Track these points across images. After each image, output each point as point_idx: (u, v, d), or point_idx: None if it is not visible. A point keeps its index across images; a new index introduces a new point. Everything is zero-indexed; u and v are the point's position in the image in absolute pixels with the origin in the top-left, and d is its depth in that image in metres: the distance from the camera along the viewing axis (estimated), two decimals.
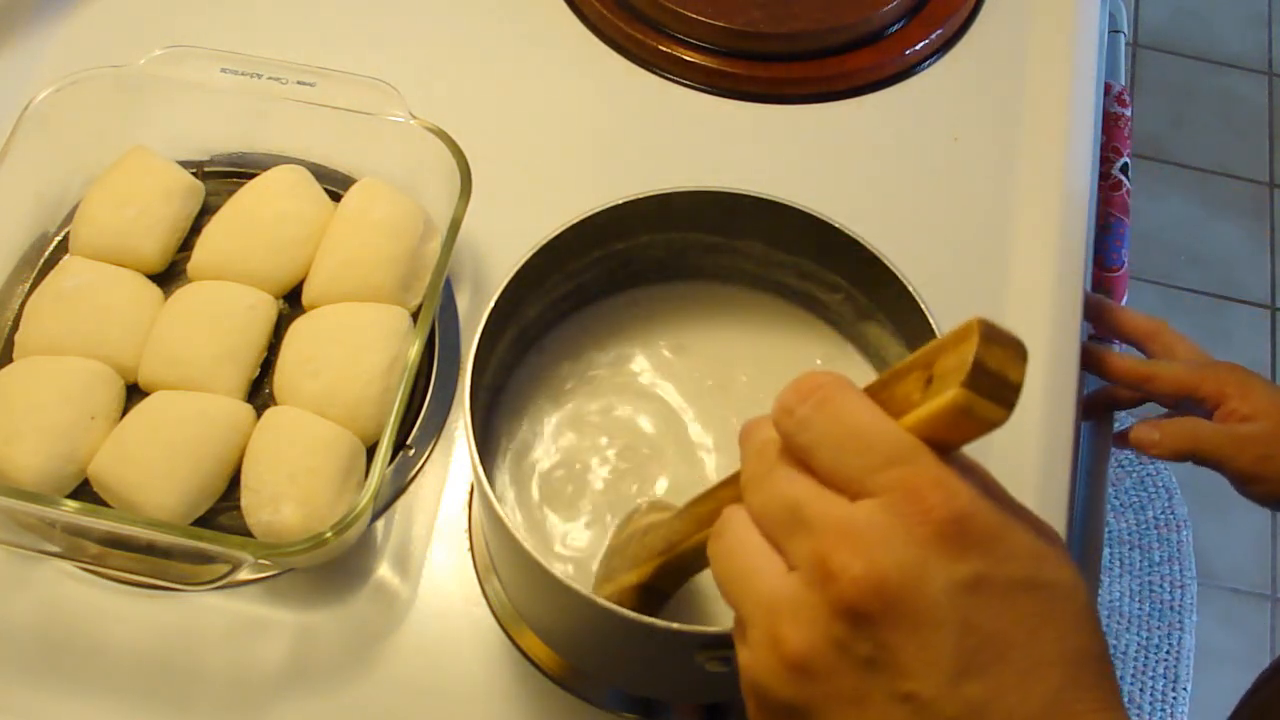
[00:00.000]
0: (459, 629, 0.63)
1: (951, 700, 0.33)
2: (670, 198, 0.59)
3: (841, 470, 0.35)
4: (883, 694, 0.34)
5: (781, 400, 0.37)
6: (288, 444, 0.62)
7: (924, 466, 0.34)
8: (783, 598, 0.35)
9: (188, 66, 0.71)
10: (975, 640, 0.33)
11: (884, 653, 0.34)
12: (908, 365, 0.36)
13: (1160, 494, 1.74)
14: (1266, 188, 2.07)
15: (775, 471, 0.37)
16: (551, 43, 0.85)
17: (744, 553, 0.37)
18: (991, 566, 0.34)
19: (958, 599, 0.33)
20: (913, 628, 0.33)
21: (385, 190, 0.70)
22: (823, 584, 0.34)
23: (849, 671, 0.34)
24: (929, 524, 0.33)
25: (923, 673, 0.33)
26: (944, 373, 0.34)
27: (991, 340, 0.33)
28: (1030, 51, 0.85)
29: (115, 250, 0.69)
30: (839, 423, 0.35)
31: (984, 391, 0.33)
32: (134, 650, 0.62)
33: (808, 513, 0.35)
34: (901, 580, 0.33)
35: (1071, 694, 0.34)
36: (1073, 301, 0.75)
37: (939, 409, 0.34)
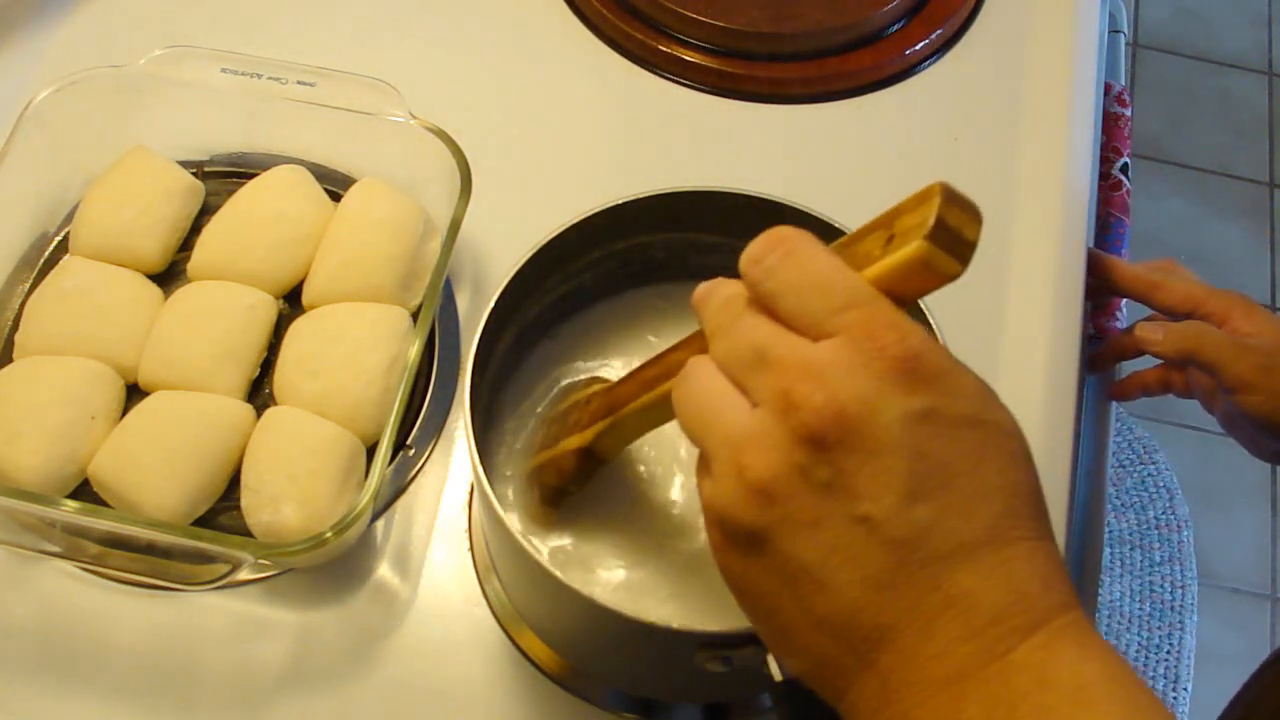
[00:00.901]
0: (459, 629, 0.63)
1: (901, 521, 0.36)
2: (670, 198, 0.59)
3: (804, 313, 0.38)
4: (839, 516, 0.36)
5: (749, 251, 0.39)
6: (288, 444, 0.62)
7: (881, 309, 0.37)
8: (747, 430, 0.37)
9: (188, 66, 0.71)
10: (924, 467, 0.36)
11: (841, 477, 0.36)
12: (869, 226, 0.39)
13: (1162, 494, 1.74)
14: (1266, 188, 2.07)
15: (742, 318, 0.39)
16: (551, 42, 0.85)
17: (710, 393, 0.39)
18: (941, 401, 0.36)
19: (910, 428, 0.36)
20: (868, 454, 0.36)
21: (385, 190, 0.70)
22: (785, 414, 0.36)
23: (808, 495, 0.36)
24: (884, 360, 0.36)
25: (876, 495, 0.36)
26: (905, 230, 0.37)
27: (952, 201, 0.36)
28: (1030, 51, 0.85)
29: (115, 250, 0.69)
30: (803, 270, 0.38)
31: (943, 245, 0.36)
32: (134, 650, 0.62)
33: (772, 353, 0.38)
34: (859, 410, 0.36)
35: (1009, 521, 0.37)
36: (1073, 301, 0.75)
37: (901, 260, 0.37)
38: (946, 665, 0.36)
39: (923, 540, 0.36)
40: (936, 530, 0.36)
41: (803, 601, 0.37)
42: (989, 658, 0.36)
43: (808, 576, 0.37)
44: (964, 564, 0.36)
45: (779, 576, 0.38)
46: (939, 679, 0.36)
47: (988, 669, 0.36)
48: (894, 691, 0.37)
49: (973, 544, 0.36)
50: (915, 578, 0.36)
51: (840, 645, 0.37)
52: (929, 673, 0.36)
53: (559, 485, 0.56)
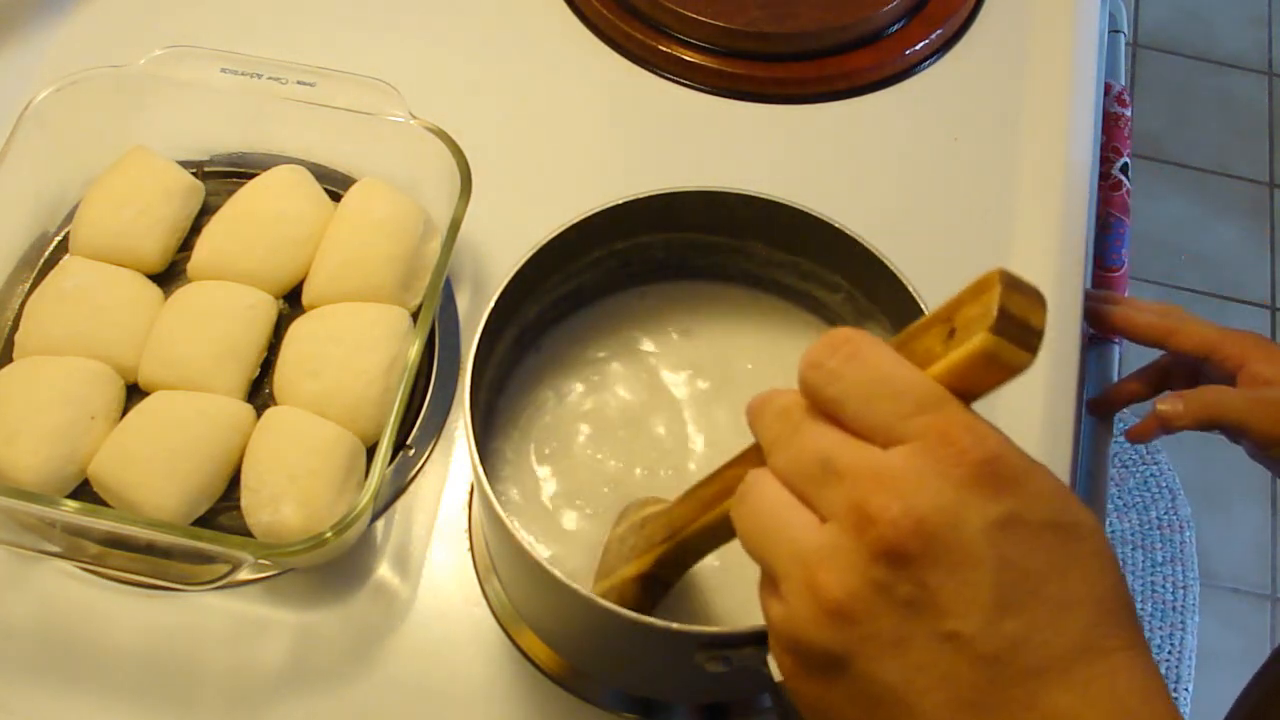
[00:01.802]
0: (459, 629, 0.63)
1: (992, 637, 0.34)
2: (670, 198, 0.59)
3: (872, 418, 0.36)
4: (924, 634, 0.34)
5: (809, 355, 0.37)
6: (288, 444, 0.62)
7: (954, 412, 0.35)
8: (819, 547, 0.35)
9: (188, 66, 0.71)
10: (1011, 577, 0.34)
11: (924, 593, 0.34)
12: (928, 321, 0.37)
13: (1164, 495, 1.73)
14: (1266, 188, 2.07)
15: (803, 428, 0.37)
16: (551, 42, 0.85)
17: (773, 509, 0.37)
18: (1023, 506, 0.34)
19: (994, 537, 0.34)
20: (952, 567, 0.34)
21: (385, 190, 0.70)
22: (860, 528, 0.34)
23: (890, 614, 0.34)
24: (963, 466, 0.34)
25: (963, 611, 0.34)
26: (966, 322, 0.35)
27: (1013, 288, 0.34)
28: (1030, 51, 0.85)
29: (115, 250, 0.69)
30: (869, 373, 0.36)
31: (1009, 336, 0.34)
32: (134, 650, 0.62)
33: (840, 463, 0.36)
34: (939, 520, 0.34)
35: (1101, 630, 0.35)
36: (1073, 301, 0.75)
37: (966, 355, 0.35)
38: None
39: (1014, 656, 0.34)
40: (1027, 645, 0.34)
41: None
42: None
43: (894, 700, 0.35)
44: (1059, 680, 0.34)
45: (862, 702, 0.36)
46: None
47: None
48: None
49: (1066, 657, 0.34)
50: (1009, 696, 0.34)
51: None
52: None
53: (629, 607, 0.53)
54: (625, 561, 0.52)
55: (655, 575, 0.50)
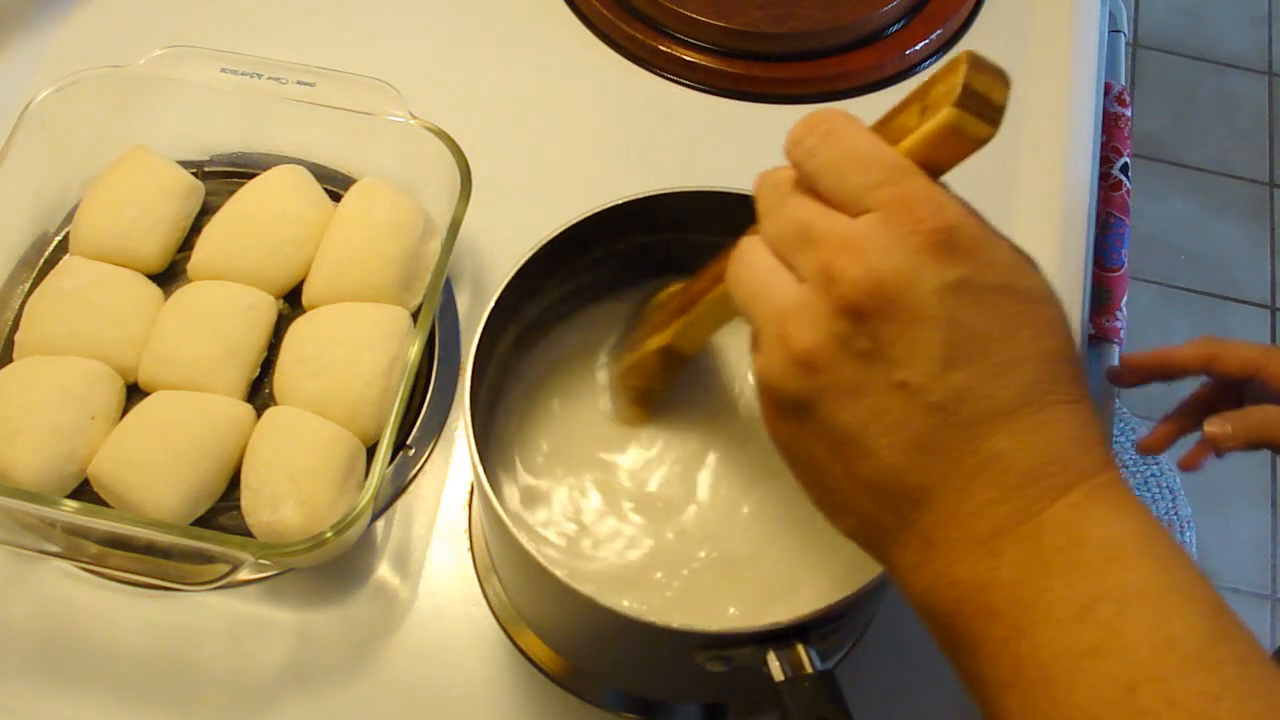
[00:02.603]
0: (459, 629, 0.63)
1: (938, 387, 0.37)
2: (670, 198, 0.59)
3: (843, 190, 0.39)
4: (879, 383, 0.38)
5: (791, 133, 0.41)
6: (288, 444, 0.62)
7: (917, 184, 0.38)
8: (792, 304, 0.39)
9: (188, 66, 0.71)
10: (960, 335, 0.37)
11: (879, 346, 0.38)
12: (905, 101, 0.40)
13: (1165, 495, 1.73)
14: (1266, 188, 2.07)
15: (787, 199, 0.41)
16: (551, 42, 0.85)
17: (758, 271, 0.41)
18: (975, 271, 0.38)
19: (945, 298, 0.37)
20: (905, 323, 0.37)
21: (385, 190, 0.70)
22: (826, 288, 0.38)
23: (849, 364, 0.38)
24: (920, 233, 0.37)
25: (914, 363, 0.38)
26: (935, 99, 0.38)
27: (978, 68, 0.37)
28: (1030, 51, 0.85)
29: (115, 250, 0.69)
30: (841, 148, 0.39)
31: (972, 110, 0.37)
32: (134, 650, 0.62)
33: (814, 230, 0.39)
34: (895, 281, 0.37)
35: (1045, 385, 0.38)
36: (1074, 302, 0.75)
37: (933, 129, 0.38)
38: (983, 524, 0.38)
39: (959, 405, 0.37)
40: (972, 395, 0.37)
41: (847, 465, 0.39)
42: (1023, 516, 0.37)
43: (851, 442, 0.39)
44: (1000, 428, 0.38)
45: (825, 442, 0.40)
46: (976, 537, 0.38)
47: (1022, 527, 0.37)
48: (934, 549, 0.39)
49: (1008, 408, 0.38)
50: (953, 441, 0.38)
51: (883, 506, 0.39)
52: (966, 531, 0.38)
53: (645, 385, 0.58)
54: (648, 336, 0.56)
55: (673, 348, 0.55)
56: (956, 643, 0.39)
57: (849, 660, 0.62)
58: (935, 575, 0.39)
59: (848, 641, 0.63)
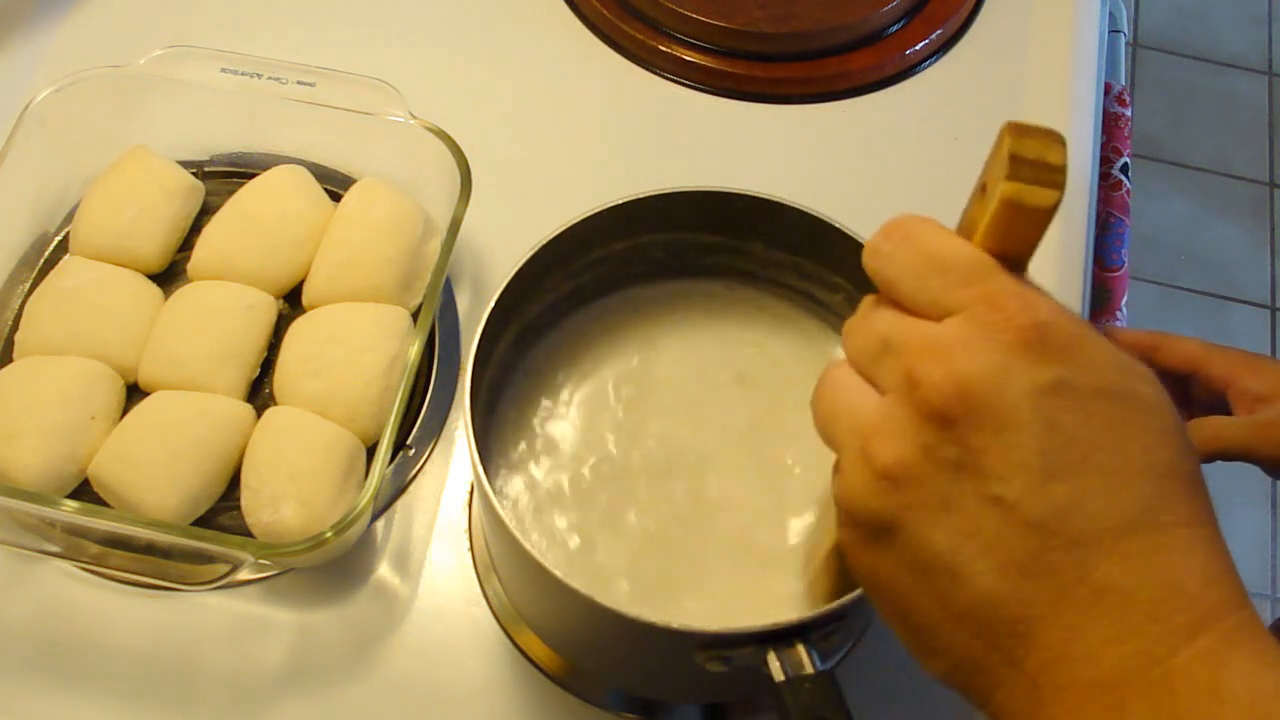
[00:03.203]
0: (459, 629, 0.63)
1: (1038, 501, 0.34)
2: (670, 198, 0.59)
3: (925, 295, 0.37)
4: (971, 497, 0.35)
5: (870, 242, 0.39)
6: (288, 444, 0.62)
7: (1002, 280, 0.36)
8: (874, 418, 0.37)
9: (188, 66, 0.71)
10: (1059, 442, 0.34)
11: (970, 456, 0.34)
12: (972, 196, 0.38)
13: None
14: (1266, 188, 2.07)
15: (870, 315, 0.39)
16: (551, 42, 0.85)
17: (840, 391, 0.39)
18: (1073, 372, 0.34)
19: (1040, 401, 0.34)
20: (996, 429, 0.34)
21: (385, 190, 0.70)
22: (909, 395, 0.35)
23: (936, 477, 0.35)
24: (1009, 331, 0.34)
25: (1008, 474, 0.34)
26: (993, 181, 0.36)
27: (1023, 134, 0.35)
28: (1030, 51, 0.85)
29: (115, 250, 0.69)
30: (919, 251, 0.37)
31: (1027, 179, 0.35)
32: (134, 650, 0.62)
33: (895, 339, 0.37)
34: (983, 384, 0.34)
35: (1160, 505, 0.34)
36: (1073, 302, 0.75)
37: (994, 211, 0.35)
38: (1102, 669, 0.33)
39: (1063, 522, 0.34)
40: (1077, 512, 0.34)
41: (939, 595, 0.36)
42: (1149, 661, 0.33)
43: (941, 566, 0.35)
44: (1111, 553, 0.34)
45: (912, 569, 0.36)
46: (1093, 683, 0.34)
47: (1148, 673, 0.33)
48: (1045, 695, 0.34)
49: (1119, 530, 0.34)
50: (1058, 565, 0.34)
51: (982, 643, 0.35)
52: (1081, 675, 0.34)
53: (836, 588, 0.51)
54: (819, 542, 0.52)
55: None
56: None
57: (849, 660, 0.62)
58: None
59: (848, 641, 0.63)
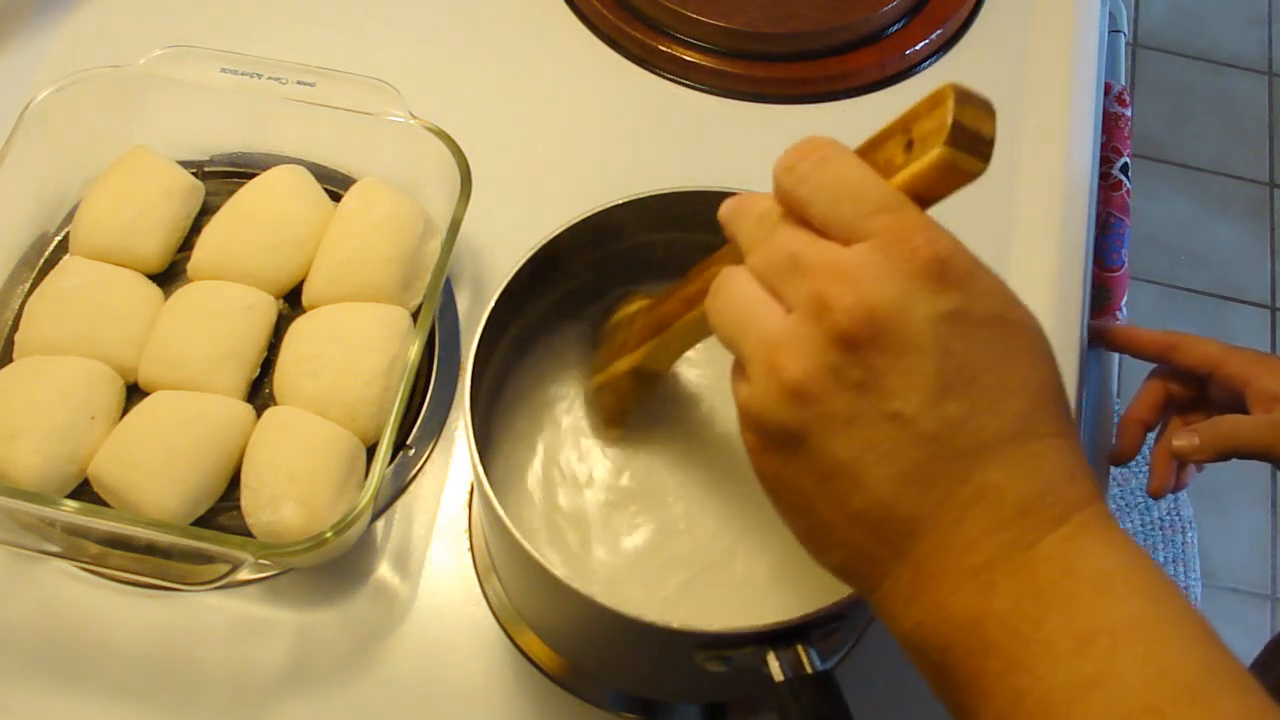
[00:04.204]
0: (459, 629, 0.63)
1: (932, 417, 0.37)
2: (670, 198, 0.59)
3: (836, 218, 0.38)
4: (872, 413, 0.38)
5: (783, 159, 0.40)
6: (288, 444, 0.62)
7: (911, 214, 0.38)
8: (782, 333, 0.39)
9: (188, 66, 0.71)
10: (953, 364, 0.37)
11: (872, 376, 0.37)
12: (885, 132, 0.40)
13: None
14: (1266, 188, 2.07)
15: (777, 230, 0.40)
16: (551, 42, 0.85)
17: (745, 301, 0.40)
18: (968, 301, 0.37)
19: (939, 328, 0.37)
20: (898, 353, 0.37)
21: (385, 190, 0.70)
22: (818, 316, 0.38)
23: (841, 394, 0.38)
24: (914, 262, 0.37)
25: (907, 393, 0.37)
26: (923, 135, 0.38)
27: (965, 101, 0.37)
28: (1030, 51, 0.85)
29: (115, 250, 0.69)
30: (835, 176, 0.39)
31: (964, 147, 0.37)
32: (134, 650, 0.62)
33: (805, 258, 0.39)
34: (889, 310, 0.37)
35: (1036, 417, 0.38)
36: (1074, 302, 0.75)
37: (925, 166, 0.38)
38: (976, 555, 0.37)
39: (952, 435, 0.37)
40: (965, 426, 0.37)
41: (838, 498, 0.39)
42: (1017, 548, 0.37)
43: (843, 473, 0.38)
44: (992, 459, 0.37)
45: (815, 474, 0.39)
46: (969, 568, 0.38)
47: (1015, 559, 0.37)
48: (926, 580, 0.38)
49: (1000, 439, 0.38)
50: (946, 472, 0.37)
51: (874, 539, 0.39)
52: (960, 562, 0.38)
53: (619, 405, 0.57)
54: (616, 355, 0.56)
55: (644, 368, 0.54)
56: (949, 679, 0.39)
57: (849, 660, 0.62)
58: (927, 609, 0.39)
59: (848, 641, 0.63)
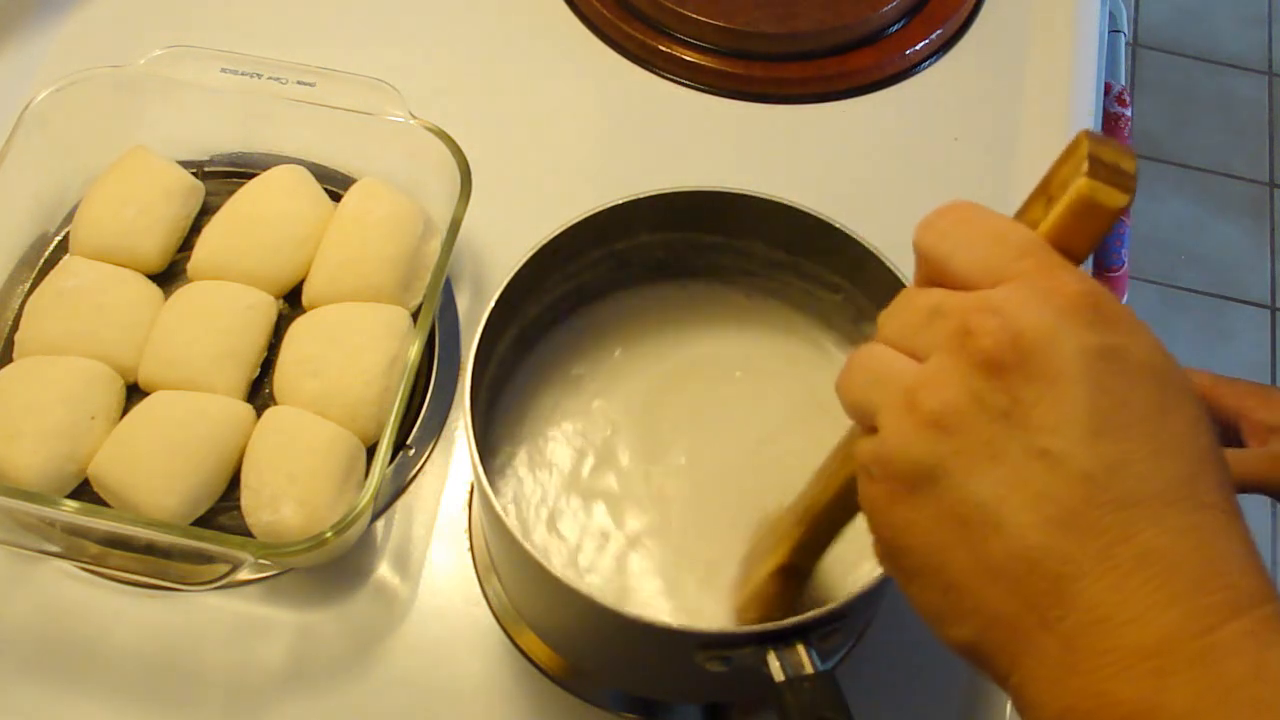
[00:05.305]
0: (459, 629, 0.63)
1: (1085, 456, 0.33)
2: (670, 198, 0.59)
3: (980, 264, 0.36)
4: (1018, 448, 0.34)
5: (924, 220, 0.39)
6: (288, 444, 0.62)
7: (1057, 257, 0.36)
8: (920, 374, 0.36)
9: (188, 66, 0.71)
10: (1108, 403, 0.34)
11: (1019, 407, 0.34)
12: (1029, 199, 0.39)
13: None
14: (1266, 188, 2.07)
15: (912, 296, 0.38)
16: (551, 42, 0.85)
17: (880, 362, 0.38)
18: (1123, 342, 0.34)
19: (1092, 362, 0.34)
20: (1049, 382, 0.34)
21: (385, 190, 0.70)
22: (961, 344, 0.35)
23: (985, 425, 0.34)
24: (1064, 296, 0.34)
25: (1058, 427, 0.34)
26: (1062, 181, 0.36)
27: (1100, 141, 0.36)
28: (1030, 51, 0.85)
29: (115, 250, 0.69)
30: (979, 227, 0.37)
31: (1104, 179, 0.35)
32: (134, 650, 0.62)
33: (946, 306, 0.36)
34: (1037, 336, 0.34)
35: (1201, 483, 0.34)
36: None
37: (1068, 204, 0.36)
38: (1146, 634, 0.32)
39: (1111, 480, 0.33)
40: (1125, 473, 0.33)
41: (976, 548, 0.35)
42: (1193, 632, 0.32)
43: (983, 517, 0.34)
44: (1156, 519, 0.33)
45: (950, 520, 0.35)
46: (1139, 648, 0.32)
47: (1191, 645, 0.32)
48: (1081, 659, 0.33)
49: (1164, 496, 0.33)
50: (1104, 523, 0.33)
51: (1017, 600, 0.34)
52: (1126, 639, 0.32)
53: (765, 615, 0.52)
54: (760, 560, 0.52)
55: (794, 565, 0.50)
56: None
57: (849, 660, 0.62)
58: (1083, 692, 0.33)
59: (848, 641, 0.63)
